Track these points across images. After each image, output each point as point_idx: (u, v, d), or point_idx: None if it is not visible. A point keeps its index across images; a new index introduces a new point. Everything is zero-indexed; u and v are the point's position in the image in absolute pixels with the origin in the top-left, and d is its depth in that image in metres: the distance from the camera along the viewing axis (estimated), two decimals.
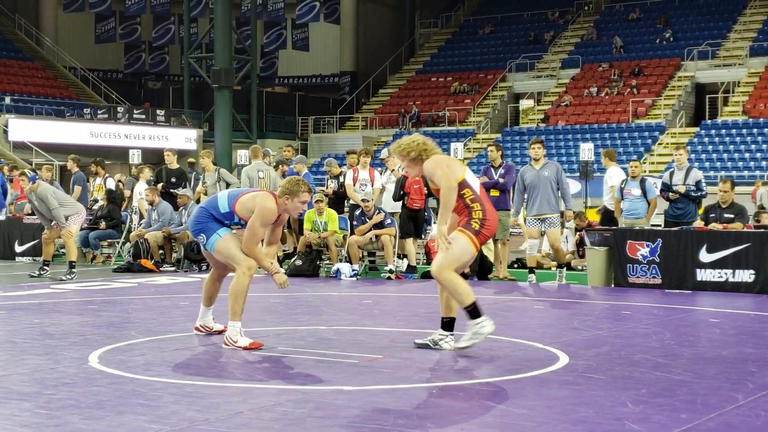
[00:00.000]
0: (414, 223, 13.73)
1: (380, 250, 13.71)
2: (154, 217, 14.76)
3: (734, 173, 31.27)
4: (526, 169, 12.79)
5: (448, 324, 6.88)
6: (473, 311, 6.59)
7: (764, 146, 33.49)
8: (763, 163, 32.40)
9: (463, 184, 6.62)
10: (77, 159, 17.49)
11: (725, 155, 33.65)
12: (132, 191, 17.05)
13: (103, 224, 15.86)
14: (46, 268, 13.03)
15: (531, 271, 12.77)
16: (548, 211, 12.48)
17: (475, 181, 6.75)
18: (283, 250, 15.03)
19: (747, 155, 33.38)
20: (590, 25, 44.47)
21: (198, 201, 14.47)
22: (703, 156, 33.60)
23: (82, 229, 15.67)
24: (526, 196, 12.76)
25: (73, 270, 12.71)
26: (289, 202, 6.98)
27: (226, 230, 7.10)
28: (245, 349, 6.81)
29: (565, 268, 12.67)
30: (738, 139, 34.40)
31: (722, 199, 12.15)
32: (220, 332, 7.49)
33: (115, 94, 42.98)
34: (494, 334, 7.64)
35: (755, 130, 34.46)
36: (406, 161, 6.86)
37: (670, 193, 12.85)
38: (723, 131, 35.14)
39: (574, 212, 13.77)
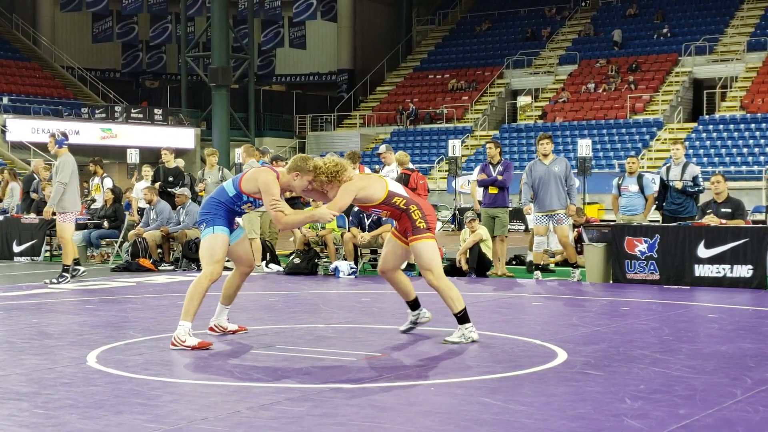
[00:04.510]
0: None
1: (381, 248, 13.70)
2: (152, 216, 14.74)
3: (732, 168, 31.30)
4: (535, 163, 12.65)
5: (414, 304, 7.50)
6: (463, 316, 7.13)
7: (762, 141, 33.50)
8: (761, 158, 32.40)
9: (390, 196, 7.04)
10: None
11: (723, 150, 33.66)
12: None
13: (106, 223, 15.86)
14: (78, 267, 12.50)
15: (537, 267, 12.73)
16: (557, 206, 12.32)
17: (399, 188, 7.19)
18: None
19: (745, 150, 33.39)
20: (587, 21, 44.47)
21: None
22: (701, 151, 33.62)
23: (85, 228, 15.67)
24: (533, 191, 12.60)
25: (65, 274, 12.02)
26: (298, 180, 6.94)
27: (223, 230, 7.01)
28: (193, 348, 6.74)
29: (578, 268, 12.37)
30: (736, 134, 34.41)
31: (716, 191, 12.09)
32: (234, 332, 7.47)
33: (112, 93, 42.96)
34: (493, 331, 7.66)
35: (753, 126, 34.47)
36: (314, 181, 6.98)
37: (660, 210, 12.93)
38: (721, 126, 35.15)
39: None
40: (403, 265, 13.29)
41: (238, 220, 7.43)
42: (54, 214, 12.37)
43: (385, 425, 4.63)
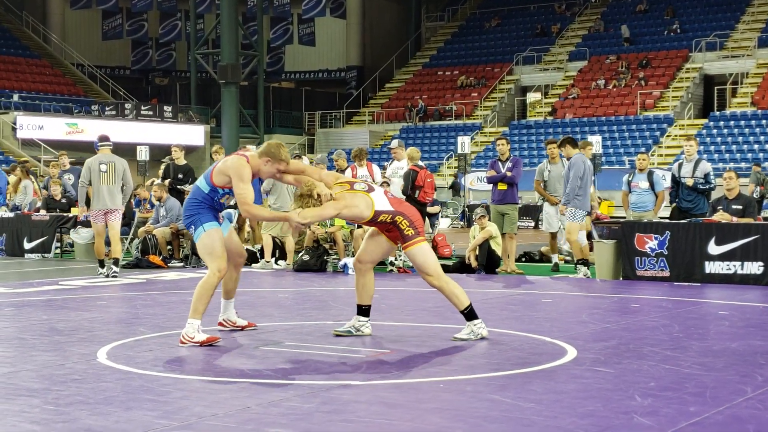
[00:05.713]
0: (424, 217, 13.67)
1: None
2: (162, 213, 14.77)
3: (743, 165, 31.17)
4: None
5: (365, 311, 7.33)
6: (470, 312, 7.12)
7: None
8: None
9: (376, 215, 6.98)
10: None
11: (734, 147, 33.55)
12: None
13: None
14: (113, 267, 12.46)
15: (581, 262, 12.36)
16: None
17: (384, 203, 7.04)
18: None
19: (756, 146, 33.28)
20: (597, 17, 44.36)
21: None
22: (712, 148, 33.51)
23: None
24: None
25: (112, 266, 12.41)
26: (267, 166, 6.91)
27: (213, 224, 7.00)
28: (202, 344, 6.75)
29: (584, 265, 12.24)
30: (747, 130, 34.29)
31: (728, 187, 12.04)
32: (243, 328, 7.48)
33: (122, 90, 43.07)
34: (502, 328, 7.66)
35: (764, 122, 34.34)
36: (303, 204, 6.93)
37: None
38: (731, 123, 35.03)
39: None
40: (406, 262, 13.39)
41: (222, 213, 7.39)
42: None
43: (394, 422, 4.63)
